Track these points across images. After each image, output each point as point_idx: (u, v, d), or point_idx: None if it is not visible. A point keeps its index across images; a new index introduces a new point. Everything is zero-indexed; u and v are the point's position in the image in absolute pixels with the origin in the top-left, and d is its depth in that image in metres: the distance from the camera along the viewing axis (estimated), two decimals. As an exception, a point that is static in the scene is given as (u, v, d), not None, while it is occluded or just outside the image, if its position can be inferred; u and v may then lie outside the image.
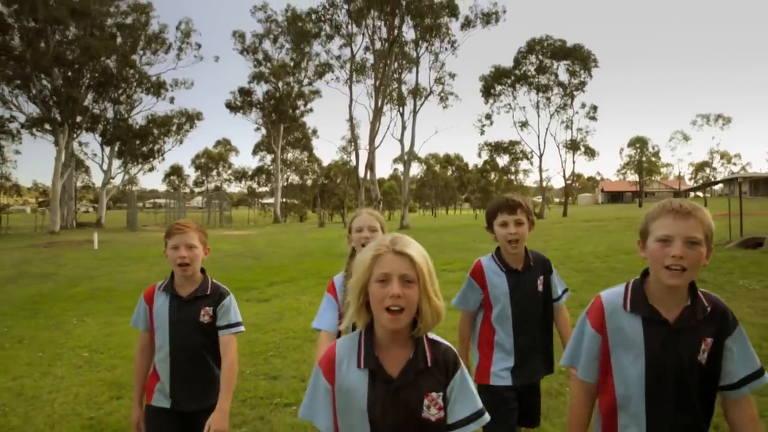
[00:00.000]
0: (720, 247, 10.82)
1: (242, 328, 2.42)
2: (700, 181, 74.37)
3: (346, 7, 17.76)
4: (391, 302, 1.30)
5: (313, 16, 22.63)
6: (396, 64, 24.54)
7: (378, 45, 17.96)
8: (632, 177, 66.77)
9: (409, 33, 21.59)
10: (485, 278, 2.38)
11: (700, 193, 65.69)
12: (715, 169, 76.95)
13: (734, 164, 77.74)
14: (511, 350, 2.34)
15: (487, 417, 1.42)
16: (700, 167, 75.10)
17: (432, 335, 1.43)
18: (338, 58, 26.32)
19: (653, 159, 63.60)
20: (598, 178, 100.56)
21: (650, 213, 1.55)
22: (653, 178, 70.49)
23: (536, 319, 2.38)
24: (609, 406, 1.58)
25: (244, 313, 7.77)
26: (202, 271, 2.41)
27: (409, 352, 1.38)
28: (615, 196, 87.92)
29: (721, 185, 70.83)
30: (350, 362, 1.39)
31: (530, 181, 72.38)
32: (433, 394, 1.37)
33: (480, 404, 1.42)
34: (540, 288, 2.40)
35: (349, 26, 18.21)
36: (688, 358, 1.47)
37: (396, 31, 17.43)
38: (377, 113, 17.98)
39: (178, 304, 2.34)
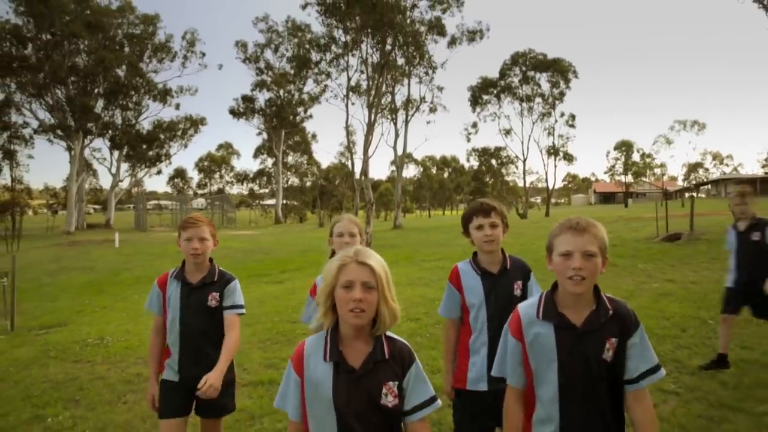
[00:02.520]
0: (648, 240, 13.19)
1: (244, 311, 2.67)
2: (693, 182, 77.01)
3: (344, 39, 20.18)
4: (354, 305, 1.49)
5: (315, 46, 25.09)
6: (389, 77, 27.03)
7: (370, 68, 20.33)
8: (625, 178, 69.22)
9: (400, 54, 24.29)
10: (461, 282, 2.44)
11: (694, 193, 68.23)
12: (707, 170, 79.51)
13: (726, 165, 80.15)
14: (486, 354, 2.35)
15: (438, 403, 1.60)
16: (693, 168, 77.61)
17: (390, 333, 1.61)
18: (337, 66, 28.76)
19: (647, 160, 65.87)
20: (593, 179, 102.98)
21: (553, 231, 1.71)
22: (644, 179, 72.83)
23: None
24: (528, 404, 1.74)
25: (265, 291, 10.62)
26: (210, 260, 2.65)
27: (369, 347, 1.56)
28: (607, 197, 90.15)
29: (707, 186, 73.45)
30: (317, 357, 1.55)
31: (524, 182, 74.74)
32: (390, 383, 1.53)
33: (432, 392, 1.60)
34: (517, 292, 2.42)
35: (346, 52, 20.60)
36: (594, 358, 1.61)
37: (387, 57, 19.85)
38: (370, 128, 20.37)
39: (188, 290, 2.56)
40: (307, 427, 1.56)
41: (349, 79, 23.27)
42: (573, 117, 41.32)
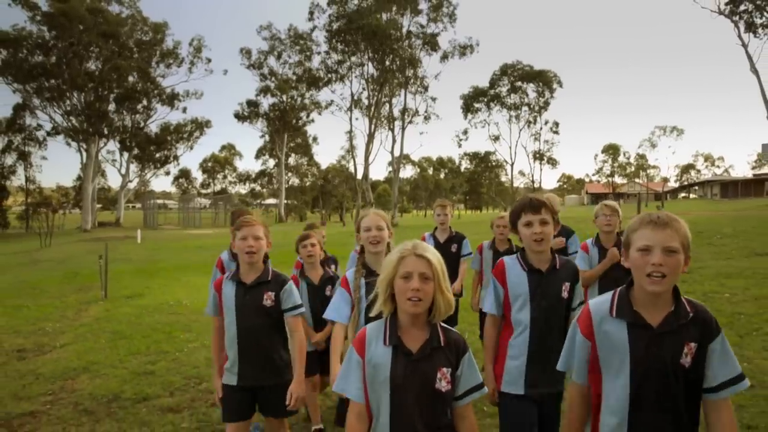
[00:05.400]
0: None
1: (303, 310, 2.74)
2: (685, 183, 79.78)
3: (348, 61, 22.71)
4: (412, 294, 1.64)
5: (323, 67, 27.74)
6: (387, 88, 29.56)
7: (371, 86, 22.79)
8: (618, 180, 71.86)
9: (397, 71, 27.00)
10: (506, 277, 2.35)
11: (686, 194, 70.86)
12: (699, 171, 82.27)
13: (717, 167, 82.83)
14: (526, 355, 2.27)
15: (486, 389, 1.77)
16: (686, 169, 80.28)
17: (444, 324, 1.76)
18: (341, 82, 31.21)
19: (641, 161, 68.50)
20: (587, 180, 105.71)
21: (631, 225, 1.65)
22: (637, 181, 75.45)
23: (558, 325, 2.29)
24: (596, 406, 1.68)
25: (288, 273, 13.52)
26: (265, 261, 2.71)
27: (426, 334, 1.71)
28: (599, 197, 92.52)
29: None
30: (378, 341, 1.72)
31: (519, 182, 77.35)
32: (444, 369, 1.68)
33: (480, 378, 1.76)
34: (565, 294, 2.32)
35: (350, 72, 23.20)
36: (671, 361, 1.54)
37: (386, 76, 22.37)
38: (370, 137, 22.88)
39: (244, 290, 2.64)
40: (369, 409, 1.69)
41: (352, 95, 25.80)
42: (557, 124, 44.75)
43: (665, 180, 74.76)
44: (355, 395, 1.72)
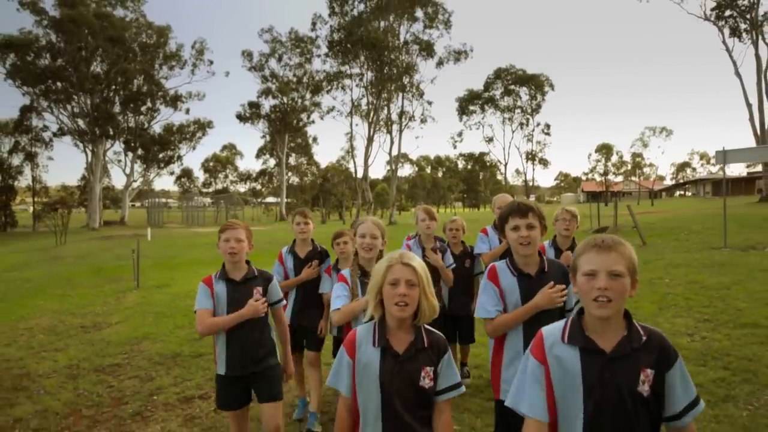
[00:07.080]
0: (584, 232, 17.02)
1: (285, 302, 3.11)
2: (681, 181, 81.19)
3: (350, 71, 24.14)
4: (399, 299, 1.83)
5: (326, 76, 29.12)
6: (385, 93, 30.96)
7: (370, 95, 24.18)
8: (605, 179, 73.24)
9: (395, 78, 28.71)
10: (498, 279, 2.38)
11: (681, 192, 72.01)
12: (694, 169, 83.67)
13: (713, 165, 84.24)
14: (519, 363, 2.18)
15: (463, 388, 1.95)
16: (681, 167, 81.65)
17: (426, 326, 1.95)
18: (338, 80, 32.46)
19: (637, 160, 69.86)
20: (584, 178, 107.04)
21: (577, 249, 1.67)
22: (633, 179, 76.80)
23: None
24: None
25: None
26: (248, 261, 2.98)
27: (411, 336, 1.91)
28: (595, 195, 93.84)
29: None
30: (367, 343, 1.91)
31: (515, 181, 78.63)
32: (428, 368, 1.87)
33: (459, 378, 1.95)
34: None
35: (350, 80, 24.62)
36: (627, 388, 1.51)
37: (384, 83, 23.75)
38: (370, 141, 24.23)
39: (234, 286, 2.89)
40: (356, 402, 1.92)
41: (353, 101, 27.19)
42: (548, 126, 46.61)
43: (660, 178, 76.11)
44: (345, 390, 1.94)
